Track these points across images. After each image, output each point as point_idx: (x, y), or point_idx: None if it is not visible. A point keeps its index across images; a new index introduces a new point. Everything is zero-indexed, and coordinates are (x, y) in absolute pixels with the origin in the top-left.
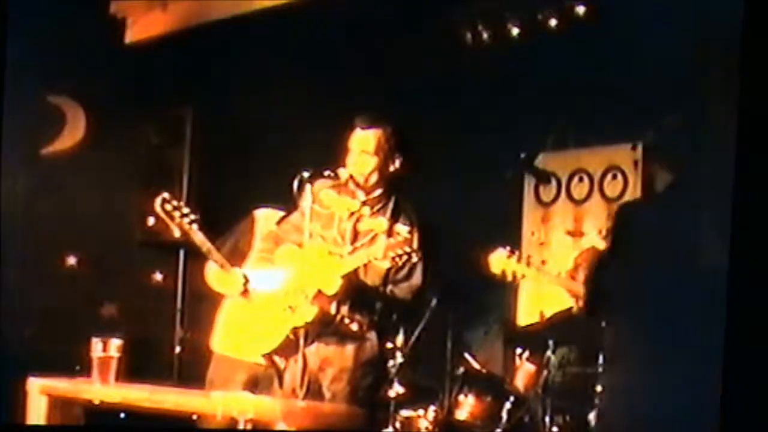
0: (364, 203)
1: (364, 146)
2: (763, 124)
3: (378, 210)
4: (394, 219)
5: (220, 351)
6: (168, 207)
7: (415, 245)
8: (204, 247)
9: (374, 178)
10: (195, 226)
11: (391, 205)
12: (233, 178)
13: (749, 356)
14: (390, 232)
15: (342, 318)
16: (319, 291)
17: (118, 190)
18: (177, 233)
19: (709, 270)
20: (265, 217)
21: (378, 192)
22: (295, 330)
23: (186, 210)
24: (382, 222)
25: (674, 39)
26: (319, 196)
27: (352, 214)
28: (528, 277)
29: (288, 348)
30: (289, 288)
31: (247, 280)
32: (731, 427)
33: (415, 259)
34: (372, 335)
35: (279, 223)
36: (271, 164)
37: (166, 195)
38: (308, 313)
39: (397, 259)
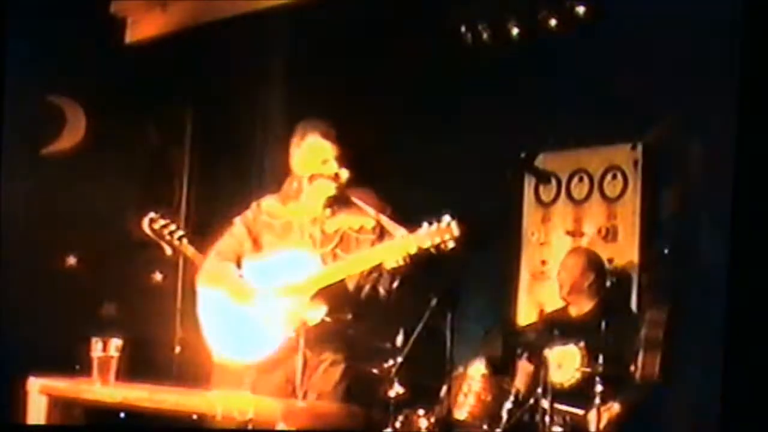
0: (324, 206)
1: (320, 154)
2: (764, 123)
3: (338, 209)
4: (359, 212)
5: (222, 359)
6: (156, 226)
7: (455, 232)
8: (197, 260)
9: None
10: (185, 241)
11: (353, 199)
12: (233, 178)
13: (749, 356)
14: (360, 230)
15: (338, 318)
16: (320, 291)
17: (118, 190)
18: (168, 250)
19: (709, 270)
20: None
21: (335, 190)
22: (293, 329)
23: (173, 227)
24: (346, 219)
25: (674, 39)
26: (264, 208)
27: (315, 219)
28: None
29: (286, 347)
30: (288, 288)
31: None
32: (732, 426)
33: (452, 245)
34: (364, 336)
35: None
36: (271, 164)
37: (152, 215)
38: (310, 313)
39: (442, 245)
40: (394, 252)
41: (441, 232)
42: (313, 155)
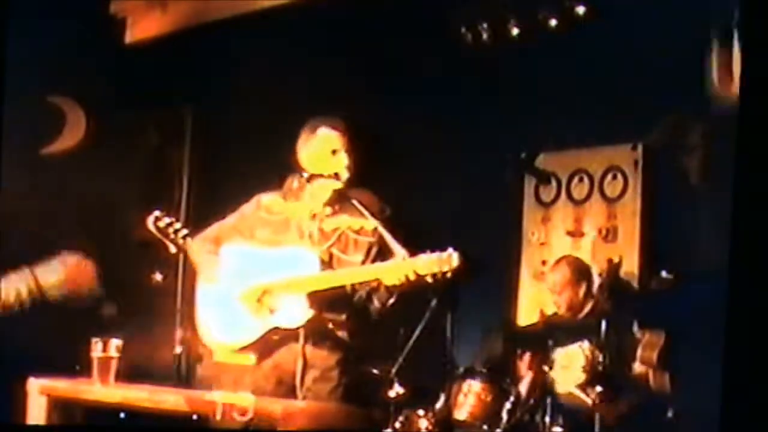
0: (326, 204)
1: (330, 145)
2: (763, 124)
3: (339, 208)
4: (360, 214)
5: (218, 359)
6: (161, 224)
7: (454, 263)
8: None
9: (342, 175)
10: (189, 240)
11: (354, 202)
12: (233, 177)
13: (749, 356)
14: (359, 231)
15: (329, 321)
16: (312, 294)
17: (118, 190)
18: (172, 249)
19: (709, 270)
20: None
21: (336, 191)
22: (276, 330)
23: (178, 225)
24: (346, 219)
25: (674, 38)
26: (264, 204)
27: (315, 216)
28: None
29: (266, 347)
30: (267, 288)
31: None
32: (732, 426)
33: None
34: (347, 336)
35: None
36: (271, 164)
37: (157, 213)
38: (298, 315)
39: (439, 275)
40: (393, 273)
41: (441, 263)
42: (323, 148)
